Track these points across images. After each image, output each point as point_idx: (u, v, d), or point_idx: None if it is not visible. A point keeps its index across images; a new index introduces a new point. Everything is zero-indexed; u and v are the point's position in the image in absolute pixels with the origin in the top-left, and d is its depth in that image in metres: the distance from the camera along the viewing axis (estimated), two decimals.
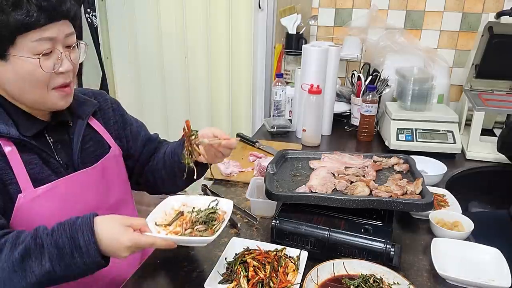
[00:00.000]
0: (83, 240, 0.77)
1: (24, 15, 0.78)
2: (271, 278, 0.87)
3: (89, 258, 0.78)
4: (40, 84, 0.86)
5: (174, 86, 2.44)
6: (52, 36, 0.83)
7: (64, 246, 0.77)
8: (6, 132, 0.85)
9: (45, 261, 0.76)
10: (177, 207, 0.96)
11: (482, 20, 1.98)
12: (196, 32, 2.30)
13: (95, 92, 1.14)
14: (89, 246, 0.77)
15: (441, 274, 0.92)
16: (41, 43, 0.82)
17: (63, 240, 0.77)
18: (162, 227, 0.89)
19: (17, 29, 0.79)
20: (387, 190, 1.04)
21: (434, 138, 1.64)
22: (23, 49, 0.82)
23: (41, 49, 0.83)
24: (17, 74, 0.84)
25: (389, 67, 1.92)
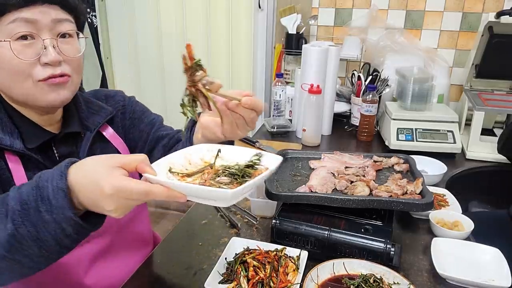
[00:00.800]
0: (51, 187, 0.59)
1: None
2: (271, 278, 0.87)
3: (58, 211, 0.58)
4: (21, 75, 0.76)
5: (174, 86, 2.45)
6: (31, 18, 0.74)
7: (28, 199, 0.59)
8: (9, 145, 0.77)
9: (7, 221, 0.60)
10: (209, 158, 0.72)
11: (482, 20, 1.98)
12: (196, 32, 2.30)
13: (108, 94, 1.04)
14: (56, 194, 0.58)
15: (441, 274, 0.92)
16: (18, 24, 0.73)
17: (27, 191, 0.60)
18: (177, 176, 0.66)
19: None
20: (387, 190, 1.04)
21: (434, 138, 1.64)
22: (1, 34, 0.73)
23: (17, 31, 0.73)
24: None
25: (389, 67, 1.93)
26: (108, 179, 0.56)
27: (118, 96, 1.05)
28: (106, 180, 0.56)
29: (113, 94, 1.05)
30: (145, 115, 1.07)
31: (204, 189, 0.60)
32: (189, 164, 0.71)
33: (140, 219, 1.07)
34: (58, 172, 0.60)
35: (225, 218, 1.18)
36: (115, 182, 0.56)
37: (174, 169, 0.67)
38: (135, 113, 1.06)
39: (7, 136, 0.78)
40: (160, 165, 0.65)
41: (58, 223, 0.59)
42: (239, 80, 2.35)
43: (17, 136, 0.80)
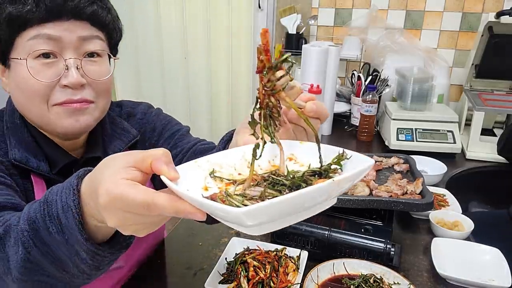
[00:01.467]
0: (61, 205, 0.48)
1: (20, 8, 0.66)
2: (271, 278, 0.87)
3: (68, 231, 0.48)
4: (37, 97, 0.69)
5: (174, 86, 2.45)
6: (54, 35, 0.67)
7: (35, 216, 0.50)
8: (36, 167, 0.72)
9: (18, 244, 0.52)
10: (277, 162, 0.51)
11: (482, 20, 1.98)
12: (196, 32, 2.30)
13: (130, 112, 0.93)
14: (66, 212, 0.48)
15: (441, 274, 0.92)
16: (39, 41, 0.67)
17: (35, 207, 0.51)
18: (220, 182, 0.48)
19: (13, 25, 0.67)
20: (387, 190, 1.04)
21: (434, 138, 1.64)
22: (21, 50, 0.68)
23: (37, 48, 0.67)
24: (15, 82, 0.70)
25: (389, 67, 1.92)
26: (106, 185, 0.42)
27: (139, 114, 0.95)
28: (104, 186, 0.42)
29: (135, 112, 0.95)
30: (166, 128, 0.95)
31: (211, 205, 0.38)
32: (235, 169, 0.51)
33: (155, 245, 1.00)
34: (68, 184, 0.49)
35: None
36: (111, 189, 0.42)
37: (218, 173, 0.48)
38: (155, 131, 0.94)
39: (33, 158, 0.73)
40: (201, 166, 0.48)
41: (71, 245, 0.49)
42: (239, 80, 2.36)
43: (42, 159, 0.74)
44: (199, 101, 2.45)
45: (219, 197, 0.42)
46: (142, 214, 0.42)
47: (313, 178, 0.46)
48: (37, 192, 0.73)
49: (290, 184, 0.45)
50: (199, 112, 2.48)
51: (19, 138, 0.74)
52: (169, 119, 0.98)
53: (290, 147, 0.52)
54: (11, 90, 0.73)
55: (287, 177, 0.46)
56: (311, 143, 0.52)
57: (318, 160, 0.49)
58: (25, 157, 0.72)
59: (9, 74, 0.71)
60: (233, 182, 0.48)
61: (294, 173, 0.48)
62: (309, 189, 0.38)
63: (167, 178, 0.42)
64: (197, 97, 2.45)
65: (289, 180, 0.45)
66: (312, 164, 0.50)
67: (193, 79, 2.41)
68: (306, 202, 0.40)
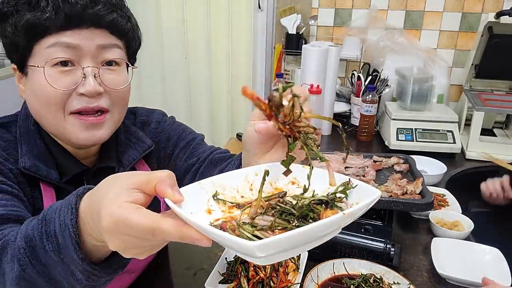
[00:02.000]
0: (59, 223, 0.48)
1: (38, 15, 0.65)
2: (271, 277, 0.87)
3: (65, 251, 0.48)
4: (53, 105, 0.68)
5: (175, 86, 2.45)
6: (73, 43, 0.67)
7: (33, 234, 0.50)
8: (45, 175, 0.71)
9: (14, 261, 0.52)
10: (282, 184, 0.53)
11: (481, 20, 1.98)
12: (196, 32, 2.30)
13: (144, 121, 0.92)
14: (63, 231, 0.47)
15: (441, 273, 0.93)
16: (57, 49, 0.66)
17: (33, 225, 0.51)
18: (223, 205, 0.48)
19: (32, 33, 0.66)
20: (387, 190, 1.04)
21: (434, 138, 1.64)
22: (39, 58, 0.67)
23: (55, 56, 0.66)
24: (32, 90, 0.69)
25: (389, 67, 1.93)
26: (110, 207, 0.41)
27: (154, 123, 0.93)
28: (108, 209, 0.41)
29: (150, 120, 0.93)
30: (181, 138, 0.93)
31: (222, 236, 0.38)
32: (250, 190, 0.51)
33: None
34: (67, 203, 0.48)
35: None
36: (114, 212, 0.41)
37: (222, 195, 0.48)
38: (170, 140, 0.93)
39: (43, 166, 0.72)
40: (205, 188, 0.48)
41: (67, 264, 0.49)
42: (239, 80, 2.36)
43: (53, 167, 0.73)
44: (200, 101, 2.45)
45: (230, 227, 0.42)
46: (145, 239, 0.42)
47: (320, 207, 0.46)
48: (45, 200, 0.72)
49: (298, 214, 0.45)
50: (200, 112, 2.48)
51: (31, 145, 0.73)
52: (184, 127, 0.96)
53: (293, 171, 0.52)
54: (27, 97, 0.72)
55: (294, 206, 0.46)
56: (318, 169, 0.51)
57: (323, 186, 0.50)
58: (34, 165, 0.71)
59: (26, 81, 0.71)
60: (236, 205, 0.48)
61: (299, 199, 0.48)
62: (321, 222, 0.39)
63: (172, 201, 0.42)
64: (198, 97, 2.45)
65: (296, 209, 0.45)
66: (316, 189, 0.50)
67: (194, 79, 2.42)
68: (317, 234, 0.41)
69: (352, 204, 0.48)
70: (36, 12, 0.65)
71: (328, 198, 0.48)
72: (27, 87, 0.71)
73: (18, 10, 0.66)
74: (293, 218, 0.44)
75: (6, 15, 0.66)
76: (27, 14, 0.65)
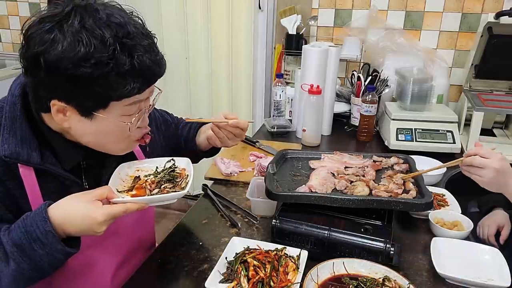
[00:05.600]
0: (39, 231, 0.72)
1: (129, 86, 0.74)
2: (271, 277, 0.87)
3: (50, 247, 0.73)
4: (123, 140, 0.84)
5: (175, 87, 2.45)
6: (143, 98, 0.81)
7: (22, 242, 0.72)
8: (26, 160, 0.78)
9: (9, 261, 0.73)
10: (132, 173, 0.93)
11: (481, 20, 1.99)
12: (196, 33, 2.31)
13: None
14: (46, 235, 0.72)
15: (440, 273, 0.93)
16: (133, 106, 0.79)
17: (19, 236, 0.73)
18: (125, 193, 0.85)
19: (117, 98, 0.75)
20: (386, 189, 1.04)
21: (433, 138, 1.64)
22: (114, 112, 0.77)
23: (132, 111, 0.80)
24: (100, 131, 0.80)
25: (389, 67, 1.93)
26: (97, 210, 0.73)
27: None
28: (96, 212, 0.73)
29: None
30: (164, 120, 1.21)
31: (165, 196, 0.83)
32: (123, 182, 0.89)
33: (145, 221, 1.08)
34: (41, 217, 0.72)
35: (226, 217, 1.18)
36: (103, 211, 0.73)
37: (120, 189, 0.86)
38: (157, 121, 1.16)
39: (25, 149, 0.78)
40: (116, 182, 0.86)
41: (51, 255, 0.74)
42: (239, 80, 2.36)
43: (35, 149, 0.79)
44: (200, 101, 2.46)
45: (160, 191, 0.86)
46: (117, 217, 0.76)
47: (173, 172, 0.93)
48: (27, 184, 0.79)
49: (170, 178, 0.91)
50: (200, 112, 2.49)
51: (15, 128, 0.79)
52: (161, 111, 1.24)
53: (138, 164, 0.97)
54: (84, 132, 0.80)
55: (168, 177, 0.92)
56: (148, 159, 1.01)
57: (157, 164, 0.96)
58: (15, 152, 0.77)
59: (88, 123, 0.78)
60: (129, 189, 0.87)
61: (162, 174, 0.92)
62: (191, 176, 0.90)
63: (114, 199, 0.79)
64: (198, 97, 2.46)
65: (170, 177, 0.91)
66: (156, 168, 0.96)
67: (194, 79, 2.42)
68: None
69: (182, 166, 0.97)
70: (125, 84, 0.73)
71: (173, 168, 0.95)
72: (87, 126, 0.78)
73: (105, 77, 0.71)
74: (173, 180, 0.90)
75: (90, 77, 0.70)
76: (116, 85, 0.73)
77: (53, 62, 0.69)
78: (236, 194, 1.34)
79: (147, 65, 0.75)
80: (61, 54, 0.68)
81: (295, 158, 1.30)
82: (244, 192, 1.26)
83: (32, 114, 0.81)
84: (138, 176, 0.91)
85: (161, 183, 0.87)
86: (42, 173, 0.81)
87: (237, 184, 1.40)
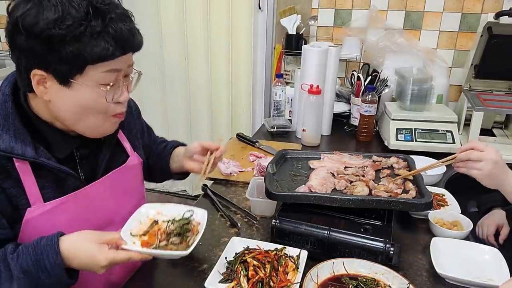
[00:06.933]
0: (49, 263, 0.77)
1: (101, 47, 0.76)
2: (271, 277, 0.87)
3: (56, 278, 0.78)
4: (99, 113, 0.85)
5: (175, 87, 2.45)
6: (119, 68, 0.82)
7: (29, 270, 0.77)
8: (21, 154, 0.80)
9: (13, 283, 0.78)
10: (152, 215, 0.94)
11: (481, 20, 1.99)
12: (196, 33, 2.30)
13: None
14: (55, 267, 0.77)
15: (440, 273, 0.93)
16: (110, 74, 0.81)
17: (27, 263, 0.77)
18: (138, 237, 0.88)
19: (92, 60, 0.77)
20: (386, 189, 1.05)
21: (433, 138, 1.64)
22: (91, 79, 0.79)
23: (108, 80, 0.81)
24: (78, 101, 0.81)
25: (389, 67, 1.93)
26: (102, 254, 0.77)
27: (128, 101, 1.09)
28: (101, 255, 0.77)
29: None
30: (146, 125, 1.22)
31: (167, 253, 0.86)
32: (141, 224, 0.91)
33: None
34: (53, 250, 0.77)
35: (225, 217, 1.18)
36: (108, 256, 0.78)
37: (134, 233, 0.88)
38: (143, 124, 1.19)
39: (20, 144, 0.80)
40: (125, 232, 0.85)
41: (54, 285, 0.79)
42: (239, 80, 2.36)
43: (29, 144, 0.81)
44: (200, 101, 2.46)
45: (160, 246, 0.87)
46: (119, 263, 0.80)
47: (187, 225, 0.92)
48: (23, 178, 0.82)
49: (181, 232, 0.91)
50: (200, 112, 2.48)
51: (8, 125, 0.81)
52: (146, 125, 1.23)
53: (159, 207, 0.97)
54: (63, 105, 0.82)
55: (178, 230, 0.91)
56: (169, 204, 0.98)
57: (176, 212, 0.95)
58: (9, 147, 0.79)
59: (67, 92, 0.80)
60: (143, 234, 0.89)
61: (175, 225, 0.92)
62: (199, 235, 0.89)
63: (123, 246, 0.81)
64: (197, 97, 2.45)
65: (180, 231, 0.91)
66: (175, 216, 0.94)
67: (193, 79, 2.42)
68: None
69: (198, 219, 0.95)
70: (99, 45, 0.76)
71: (189, 221, 0.93)
72: (66, 96, 0.80)
73: (78, 39, 0.74)
74: (183, 235, 0.90)
75: (63, 39, 0.74)
76: (90, 46, 0.75)
77: (30, 24, 0.73)
78: (236, 194, 1.34)
79: (120, 30, 0.78)
80: (37, 17, 0.73)
81: (295, 158, 1.30)
82: (244, 192, 1.26)
83: (23, 109, 0.85)
84: (157, 220, 0.93)
85: (171, 236, 0.88)
86: (37, 167, 0.83)
87: (237, 184, 1.40)
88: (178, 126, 2.53)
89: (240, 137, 1.78)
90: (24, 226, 0.84)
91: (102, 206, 0.95)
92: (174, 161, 1.18)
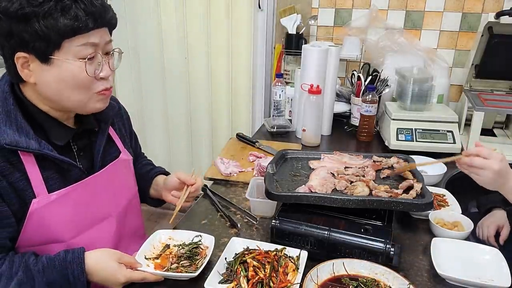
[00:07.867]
0: (73, 277, 0.84)
1: (73, 20, 0.80)
2: (271, 278, 0.87)
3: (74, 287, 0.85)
4: (82, 88, 0.88)
5: (175, 86, 2.45)
6: (95, 42, 0.85)
7: (54, 283, 0.84)
8: (25, 147, 0.84)
9: None
10: (164, 240, 1.03)
11: (481, 20, 1.98)
12: (196, 32, 2.30)
13: None
14: (78, 282, 0.85)
15: (440, 274, 0.93)
16: (86, 47, 0.84)
17: (54, 277, 0.84)
18: (151, 260, 0.96)
19: (65, 33, 0.81)
20: (386, 190, 1.04)
21: (434, 138, 1.64)
22: (68, 53, 0.83)
23: (85, 54, 0.84)
24: (60, 77, 0.85)
25: (389, 67, 1.93)
26: (122, 272, 0.87)
27: (117, 101, 1.16)
28: (120, 273, 0.87)
29: (113, 97, 1.12)
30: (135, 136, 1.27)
31: (178, 275, 0.92)
32: (154, 248, 1.00)
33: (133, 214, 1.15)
34: (80, 267, 0.85)
35: (225, 218, 1.18)
36: (126, 274, 0.87)
37: (148, 256, 0.96)
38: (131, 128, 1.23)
39: (23, 138, 0.84)
40: (140, 256, 0.95)
41: None
42: (239, 80, 2.36)
43: (32, 137, 0.85)
44: (199, 101, 2.45)
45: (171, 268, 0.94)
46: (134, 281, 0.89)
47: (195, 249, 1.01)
48: (29, 170, 0.86)
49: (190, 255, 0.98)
50: (199, 112, 2.48)
51: (10, 120, 0.85)
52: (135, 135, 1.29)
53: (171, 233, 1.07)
54: (47, 82, 0.85)
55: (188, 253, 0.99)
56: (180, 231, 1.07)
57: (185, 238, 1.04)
58: (14, 140, 0.83)
59: (48, 69, 0.84)
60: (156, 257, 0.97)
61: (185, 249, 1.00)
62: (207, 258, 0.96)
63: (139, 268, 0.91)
64: (197, 97, 2.45)
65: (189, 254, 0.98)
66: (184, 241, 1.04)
67: (194, 79, 2.42)
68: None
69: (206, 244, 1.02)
70: (70, 18, 0.80)
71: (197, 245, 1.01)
72: (48, 73, 0.84)
73: (50, 13, 0.79)
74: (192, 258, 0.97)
75: (36, 15, 0.78)
76: (62, 19, 0.79)
77: (6, 7, 0.78)
78: (235, 194, 1.33)
79: (91, 2, 0.82)
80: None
81: (295, 158, 1.29)
82: (244, 192, 1.26)
83: (23, 104, 0.89)
84: (168, 245, 1.01)
85: (181, 259, 0.96)
86: (41, 159, 0.87)
87: (237, 184, 1.40)
88: (178, 126, 2.53)
89: (240, 137, 1.77)
90: (29, 217, 0.86)
91: (100, 199, 0.99)
92: (154, 188, 1.24)
